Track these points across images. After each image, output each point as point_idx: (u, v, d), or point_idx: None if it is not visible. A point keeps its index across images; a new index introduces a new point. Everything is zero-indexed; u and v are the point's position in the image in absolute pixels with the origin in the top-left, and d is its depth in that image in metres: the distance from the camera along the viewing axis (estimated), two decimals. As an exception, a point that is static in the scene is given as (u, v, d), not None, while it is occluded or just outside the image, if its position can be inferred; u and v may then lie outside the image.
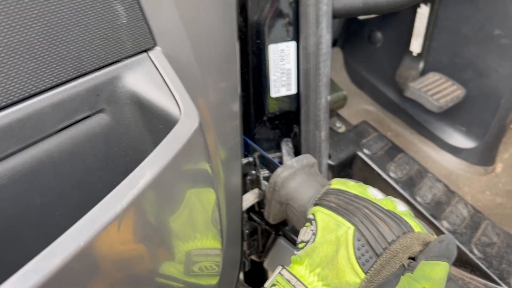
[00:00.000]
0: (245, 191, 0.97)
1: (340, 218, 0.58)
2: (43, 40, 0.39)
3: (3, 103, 0.38)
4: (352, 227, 0.56)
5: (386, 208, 0.59)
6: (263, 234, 1.06)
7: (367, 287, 0.53)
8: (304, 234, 0.60)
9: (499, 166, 1.37)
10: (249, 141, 0.97)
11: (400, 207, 0.61)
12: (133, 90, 0.48)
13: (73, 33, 0.41)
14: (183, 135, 0.44)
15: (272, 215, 0.83)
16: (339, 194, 0.62)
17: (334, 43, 1.55)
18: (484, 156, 1.30)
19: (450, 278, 0.59)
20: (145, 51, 0.50)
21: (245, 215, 1.01)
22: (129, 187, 0.38)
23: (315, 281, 0.54)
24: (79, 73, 0.43)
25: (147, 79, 0.48)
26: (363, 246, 0.55)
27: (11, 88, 0.38)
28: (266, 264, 1.11)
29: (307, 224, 0.61)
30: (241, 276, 1.20)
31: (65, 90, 0.42)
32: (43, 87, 0.40)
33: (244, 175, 0.98)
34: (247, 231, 1.02)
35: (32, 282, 0.30)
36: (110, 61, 0.46)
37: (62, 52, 0.41)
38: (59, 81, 0.42)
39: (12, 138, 0.39)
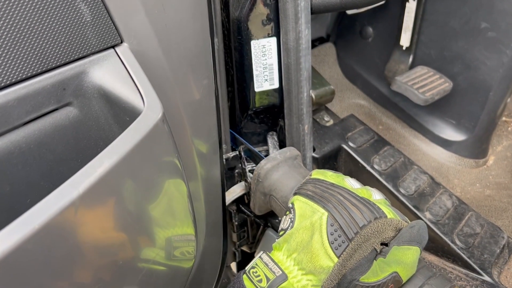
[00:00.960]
0: (233, 184, 1.00)
1: (315, 205, 0.60)
2: (6, 37, 0.42)
3: (-32, 97, 0.40)
4: (326, 213, 0.58)
5: (360, 195, 0.61)
6: (253, 225, 1.08)
7: (340, 270, 0.55)
8: (284, 222, 0.63)
9: (491, 159, 1.38)
10: (236, 135, 1.00)
11: (375, 196, 0.63)
12: (100, 84, 0.50)
13: (36, 30, 0.44)
14: (144, 126, 0.47)
15: (257, 206, 0.85)
16: (317, 183, 0.65)
17: (327, 38, 1.57)
18: (475, 149, 1.31)
19: (424, 265, 0.61)
20: (113, 47, 0.52)
21: (234, 208, 1.03)
22: (87, 175, 0.41)
23: (291, 266, 0.57)
24: (44, 69, 0.46)
25: (113, 73, 0.50)
26: (336, 231, 0.57)
27: (-25, 82, 0.40)
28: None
29: (287, 212, 0.63)
30: (234, 267, 1.23)
31: (30, 84, 0.45)
32: (8, 82, 0.43)
33: (232, 169, 1.01)
34: (236, 223, 1.04)
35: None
36: (76, 57, 0.48)
37: (25, 48, 0.43)
38: (24, 76, 0.44)
39: (-22, 130, 0.42)
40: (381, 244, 0.59)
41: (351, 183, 0.65)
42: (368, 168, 1.02)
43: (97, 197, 0.42)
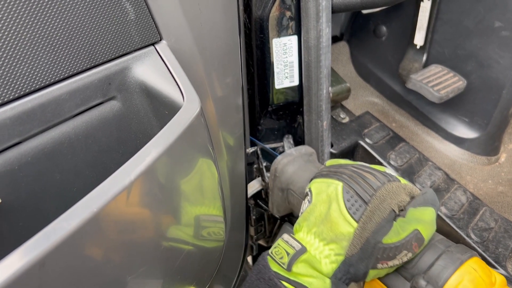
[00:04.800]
0: (251, 179, 1.02)
1: (330, 180, 0.62)
2: (61, 34, 0.45)
3: (27, 90, 0.43)
4: (340, 183, 0.60)
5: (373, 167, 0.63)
6: (270, 220, 1.11)
7: (361, 234, 0.56)
8: (302, 206, 0.64)
9: (503, 156, 1.40)
10: (252, 138, 1.02)
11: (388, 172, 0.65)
12: (141, 79, 0.53)
13: (87, 28, 0.47)
14: (185, 119, 0.50)
15: (275, 205, 0.87)
16: (331, 166, 0.67)
17: (341, 37, 1.59)
18: (487, 146, 1.33)
19: (443, 238, 0.61)
20: (152, 44, 0.55)
21: (252, 202, 1.06)
22: (137, 163, 0.43)
23: (312, 239, 0.58)
24: (92, 64, 0.49)
25: (154, 69, 0.53)
26: (352, 197, 0.58)
27: (33, 77, 0.43)
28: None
29: (305, 197, 0.65)
30: (250, 260, 1.26)
31: (80, 79, 0.48)
32: (61, 76, 0.46)
33: (251, 164, 1.03)
34: (254, 217, 1.07)
35: (51, 241, 0.36)
36: (121, 53, 0.51)
37: (77, 45, 0.46)
38: (75, 71, 0.47)
39: (34, 121, 0.45)
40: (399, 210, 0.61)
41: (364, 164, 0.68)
42: (385, 163, 1.04)
43: (145, 183, 0.45)
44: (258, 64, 0.94)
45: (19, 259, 0.33)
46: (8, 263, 0.33)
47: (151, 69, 0.53)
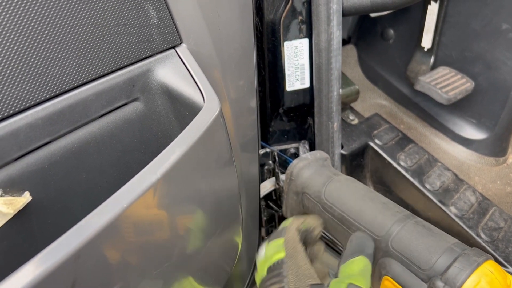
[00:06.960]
0: (262, 180, 1.04)
1: None
2: (89, 38, 0.46)
3: (57, 92, 0.45)
4: None
5: None
6: (281, 221, 1.12)
7: None
8: None
9: (511, 157, 1.41)
10: (263, 143, 1.04)
11: None
12: (163, 81, 0.55)
13: (113, 32, 0.49)
14: (206, 119, 0.51)
15: (290, 208, 0.88)
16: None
17: (348, 40, 1.61)
18: (495, 147, 1.34)
19: (458, 241, 0.61)
20: (173, 47, 0.57)
21: (263, 203, 1.07)
22: (162, 162, 0.45)
23: None
24: (117, 67, 0.50)
25: (175, 72, 0.55)
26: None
27: (63, 78, 0.45)
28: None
29: None
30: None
31: (106, 81, 0.49)
32: (89, 78, 0.48)
33: (262, 165, 1.05)
34: (265, 218, 1.08)
35: (86, 235, 0.37)
36: (144, 56, 0.53)
37: (104, 48, 0.48)
38: (102, 73, 0.49)
39: (63, 121, 0.46)
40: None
41: None
42: (395, 164, 1.06)
43: (170, 181, 0.46)
44: (269, 66, 0.96)
45: (57, 251, 0.35)
46: (47, 254, 0.34)
47: (172, 71, 0.55)
